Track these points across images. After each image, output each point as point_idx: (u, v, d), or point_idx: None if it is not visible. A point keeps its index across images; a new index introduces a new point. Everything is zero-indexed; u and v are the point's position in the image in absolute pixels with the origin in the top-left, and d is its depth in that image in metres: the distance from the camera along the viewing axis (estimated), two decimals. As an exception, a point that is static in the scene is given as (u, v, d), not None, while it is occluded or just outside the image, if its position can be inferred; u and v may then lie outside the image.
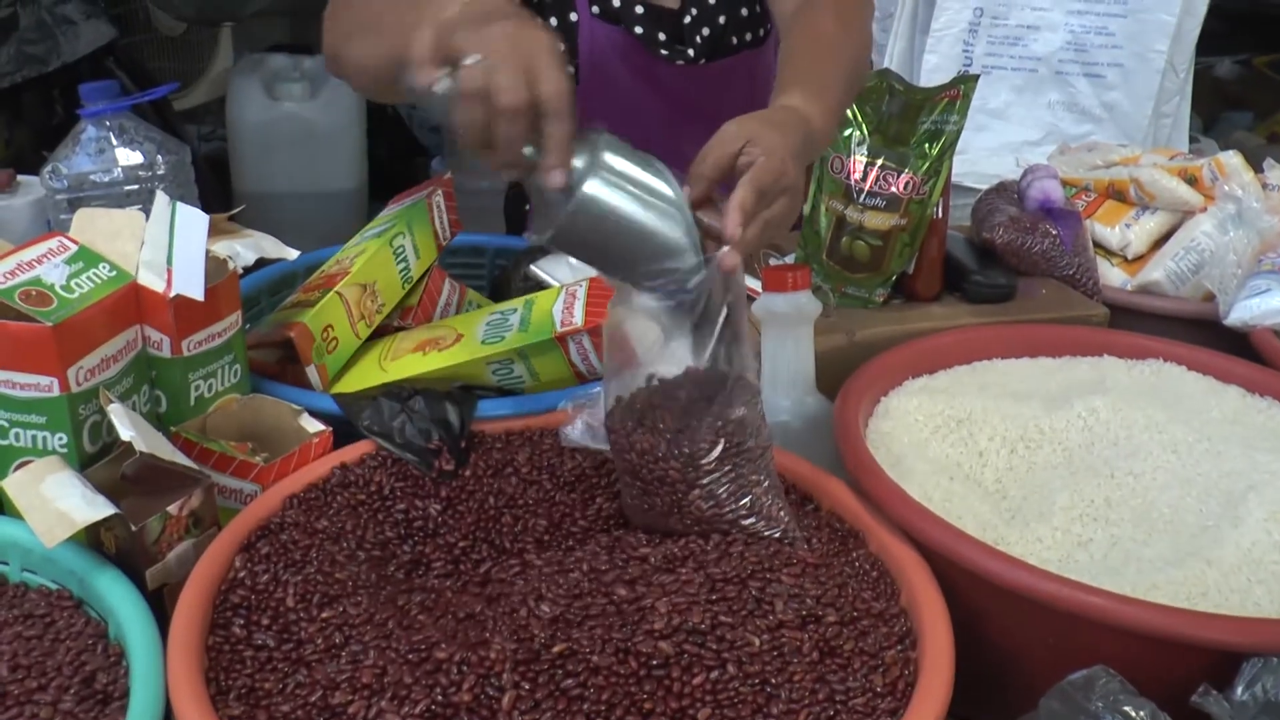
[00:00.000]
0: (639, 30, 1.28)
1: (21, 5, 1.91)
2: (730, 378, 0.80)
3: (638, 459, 0.82)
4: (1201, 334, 1.22)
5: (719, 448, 0.81)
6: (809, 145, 0.87)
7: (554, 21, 1.26)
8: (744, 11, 1.33)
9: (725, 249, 0.76)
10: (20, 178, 1.40)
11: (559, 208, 0.74)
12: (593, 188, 0.73)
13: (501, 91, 0.69)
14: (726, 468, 0.82)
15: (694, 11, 1.30)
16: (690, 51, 1.31)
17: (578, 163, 0.73)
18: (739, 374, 0.80)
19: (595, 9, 1.26)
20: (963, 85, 1.19)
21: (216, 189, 2.39)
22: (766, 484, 0.84)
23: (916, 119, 1.19)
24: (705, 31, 1.31)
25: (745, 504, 0.83)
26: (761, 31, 1.36)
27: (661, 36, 1.30)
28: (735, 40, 1.34)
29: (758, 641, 0.73)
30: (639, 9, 1.28)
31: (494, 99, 0.69)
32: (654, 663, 0.71)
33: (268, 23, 3.37)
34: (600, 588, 0.78)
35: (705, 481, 0.82)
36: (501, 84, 0.69)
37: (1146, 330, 1.16)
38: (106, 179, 1.20)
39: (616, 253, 0.75)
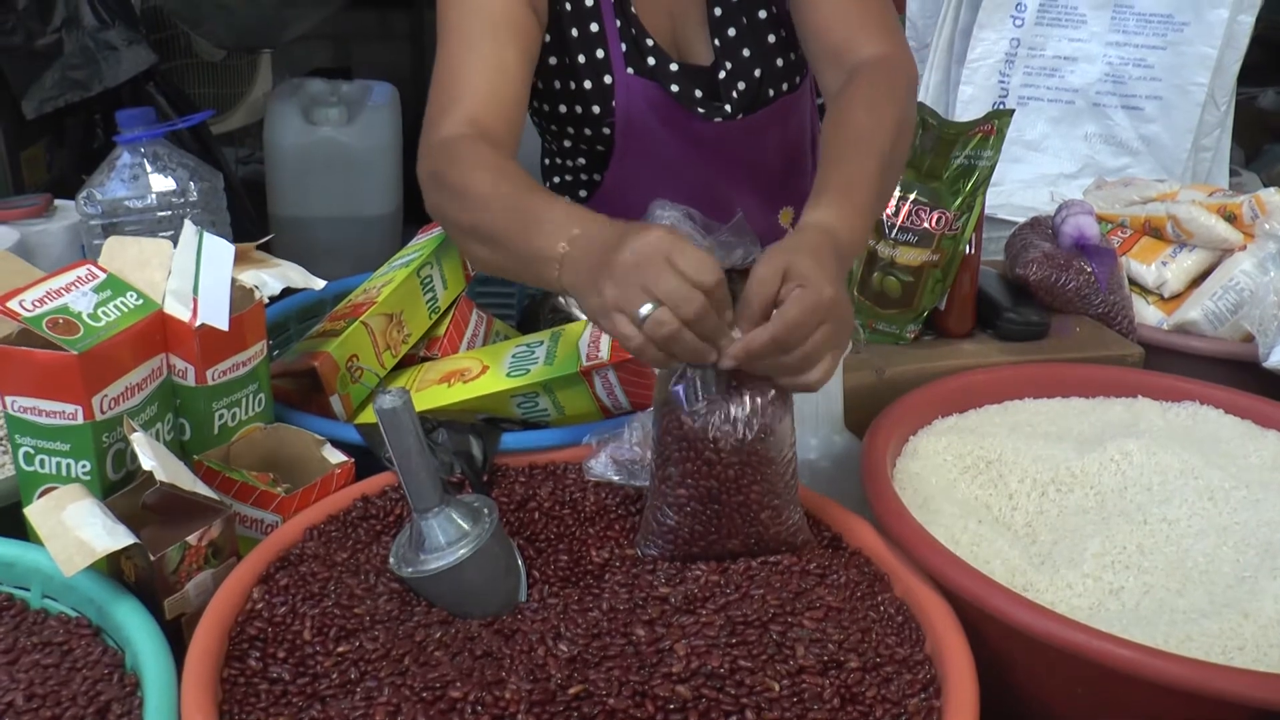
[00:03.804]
0: (675, 89, 1.27)
1: (66, 31, 1.94)
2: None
3: (718, 484, 0.83)
4: (1240, 376, 1.19)
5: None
6: (840, 259, 0.88)
7: (589, 84, 1.26)
8: (779, 62, 1.30)
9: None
10: (58, 202, 1.42)
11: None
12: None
13: (685, 312, 0.77)
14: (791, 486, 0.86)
15: (728, 66, 1.28)
16: (727, 107, 1.29)
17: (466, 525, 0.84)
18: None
19: (630, 69, 1.25)
20: (996, 120, 1.18)
21: (252, 213, 2.41)
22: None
23: (949, 154, 1.18)
24: (741, 86, 1.29)
25: (793, 517, 0.87)
26: (798, 79, 1.34)
27: (698, 93, 1.29)
28: (772, 92, 1.31)
29: (777, 687, 0.72)
30: (674, 67, 1.27)
31: (683, 319, 0.77)
32: (671, 707, 0.70)
33: (308, 47, 3.42)
34: (619, 627, 0.77)
35: (777, 502, 0.85)
36: (683, 309, 0.77)
37: (1183, 371, 1.14)
38: (140, 205, 1.22)
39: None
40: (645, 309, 0.78)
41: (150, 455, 0.82)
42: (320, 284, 1.03)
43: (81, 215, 1.23)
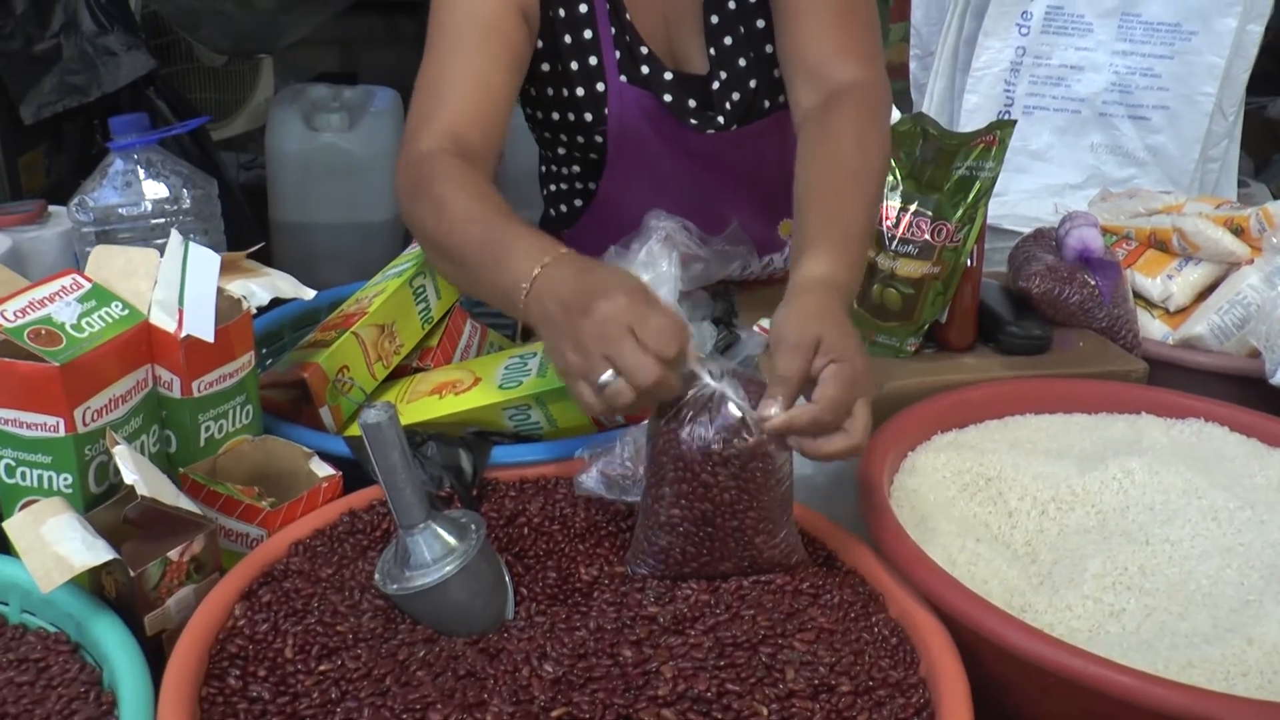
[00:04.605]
0: (668, 98, 1.25)
1: (65, 36, 1.93)
2: None
3: (713, 507, 0.82)
4: (1246, 393, 1.17)
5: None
6: (849, 312, 0.90)
7: (581, 92, 1.24)
8: (776, 73, 1.26)
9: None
10: (53, 208, 1.41)
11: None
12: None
13: (641, 383, 0.78)
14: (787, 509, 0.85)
15: (723, 75, 1.26)
16: (720, 119, 1.27)
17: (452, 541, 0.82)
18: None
19: (623, 77, 1.24)
20: (999, 131, 1.16)
21: (253, 219, 2.39)
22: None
23: (951, 165, 1.17)
24: (735, 96, 1.26)
25: (788, 538, 0.85)
26: None
27: (692, 103, 1.26)
28: (768, 104, 1.29)
29: (766, 711, 0.70)
30: (668, 75, 1.25)
31: (642, 391, 0.78)
32: (656, 733, 0.68)
33: (313, 51, 3.41)
34: (605, 648, 0.76)
35: (772, 526, 0.83)
36: (639, 379, 0.78)
37: (1187, 387, 1.12)
38: (134, 212, 1.20)
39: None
40: (606, 377, 0.79)
41: (133, 469, 0.80)
42: (310, 294, 1.02)
43: (74, 222, 1.22)
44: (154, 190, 1.21)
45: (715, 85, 1.26)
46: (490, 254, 0.92)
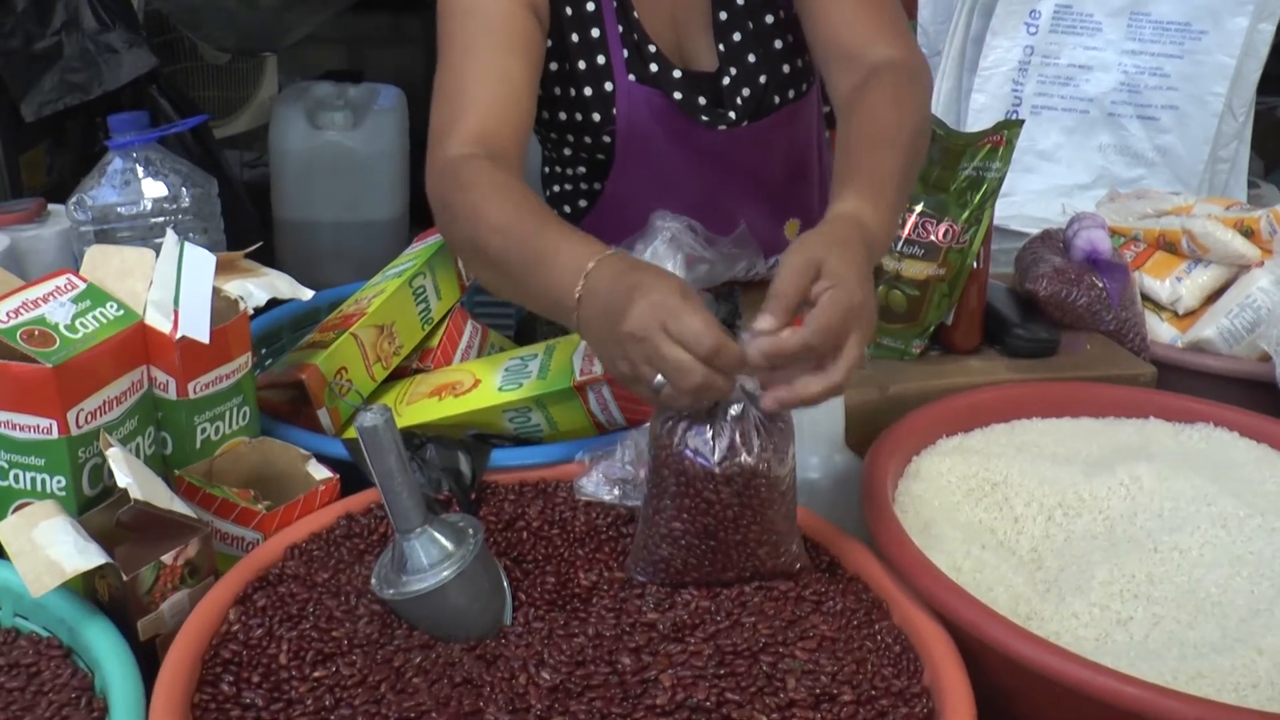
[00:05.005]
0: (678, 96, 1.24)
1: (66, 34, 1.92)
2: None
3: (715, 522, 0.80)
4: (1256, 397, 1.16)
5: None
6: (871, 253, 0.86)
7: (589, 91, 1.23)
8: (786, 68, 1.26)
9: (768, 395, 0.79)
10: (52, 207, 1.40)
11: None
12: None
13: (684, 385, 0.77)
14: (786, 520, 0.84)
15: (733, 71, 1.24)
16: (731, 114, 1.26)
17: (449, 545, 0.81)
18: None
19: (632, 76, 1.22)
20: (1006, 131, 1.15)
21: (256, 217, 2.38)
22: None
23: (957, 165, 1.15)
24: (745, 92, 1.25)
25: (791, 548, 0.84)
26: (804, 85, 1.30)
27: (701, 101, 1.25)
28: (778, 99, 1.28)
29: (766, 722, 0.69)
30: (677, 73, 1.24)
31: (692, 394, 0.77)
32: (654, 742, 0.67)
33: (320, 50, 3.40)
34: (604, 655, 0.75)
35: (775, 539, 0.82)
36: (682, 382, 0.77)
37: (1196, 391, 1.11)
38: (133, 211, 1.19)
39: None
40: (658, 381, 0.78)
41: (126, 471, 0.79)
42: (308, 294, 1.01)
43: (72, 221, 1.21)
44: (153, 189, 1.20)
45: (725, 81, 1.25)
46: (534, 264, 0.91)
